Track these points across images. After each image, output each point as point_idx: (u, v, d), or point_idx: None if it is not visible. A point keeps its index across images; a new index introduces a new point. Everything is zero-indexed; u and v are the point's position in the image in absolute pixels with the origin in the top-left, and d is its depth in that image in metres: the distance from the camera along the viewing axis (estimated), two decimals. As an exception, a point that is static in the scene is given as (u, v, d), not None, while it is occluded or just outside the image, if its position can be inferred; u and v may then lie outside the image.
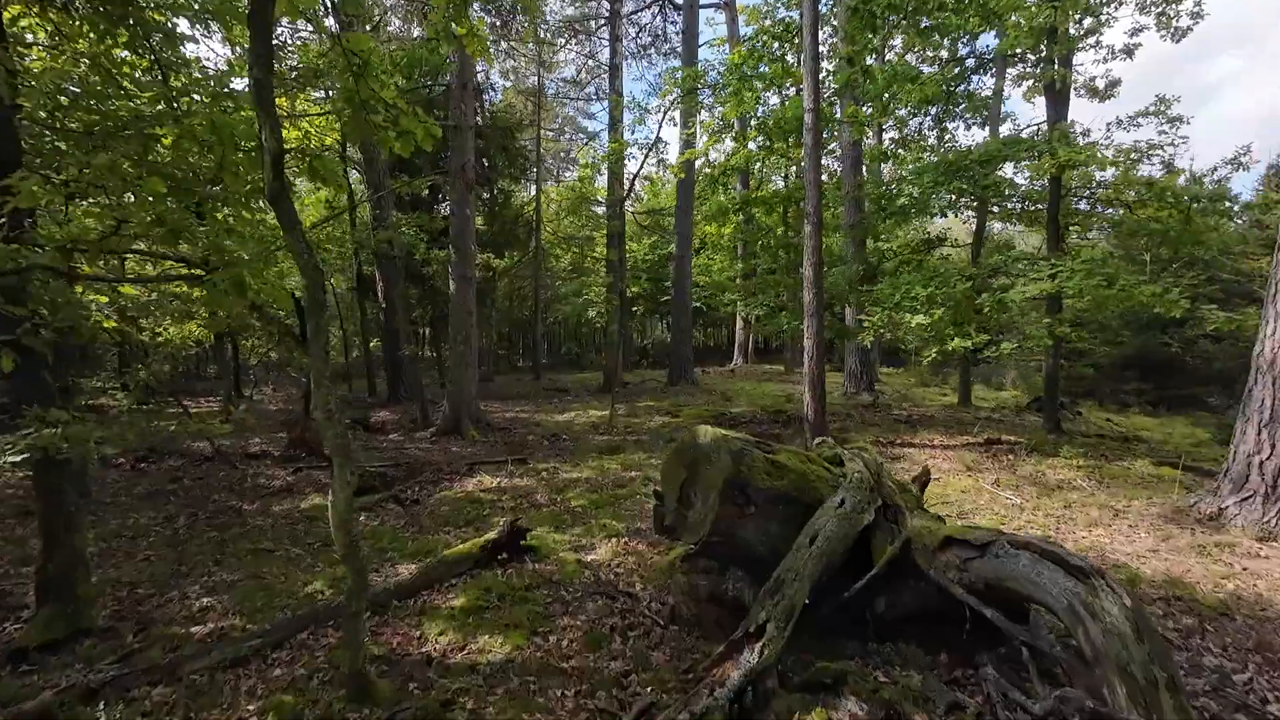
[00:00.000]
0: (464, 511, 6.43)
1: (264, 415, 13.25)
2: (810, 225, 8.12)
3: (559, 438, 10.29)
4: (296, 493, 7.33)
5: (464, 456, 9.07)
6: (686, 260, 16.66)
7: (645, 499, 6.65)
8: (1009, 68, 11.20)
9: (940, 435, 8.87)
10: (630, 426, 11.19)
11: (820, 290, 8.14)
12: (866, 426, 9.87)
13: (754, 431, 9.93)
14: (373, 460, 8.86)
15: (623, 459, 8.62)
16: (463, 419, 10.54)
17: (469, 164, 10.48)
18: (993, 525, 5.45)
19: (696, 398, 14.77)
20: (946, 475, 6.87)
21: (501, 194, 18.97)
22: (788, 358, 21.68)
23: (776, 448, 3.97)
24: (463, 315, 10.67)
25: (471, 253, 10.74)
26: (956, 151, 8.33)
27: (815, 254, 8.10)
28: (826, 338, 10.13)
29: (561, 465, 8.37)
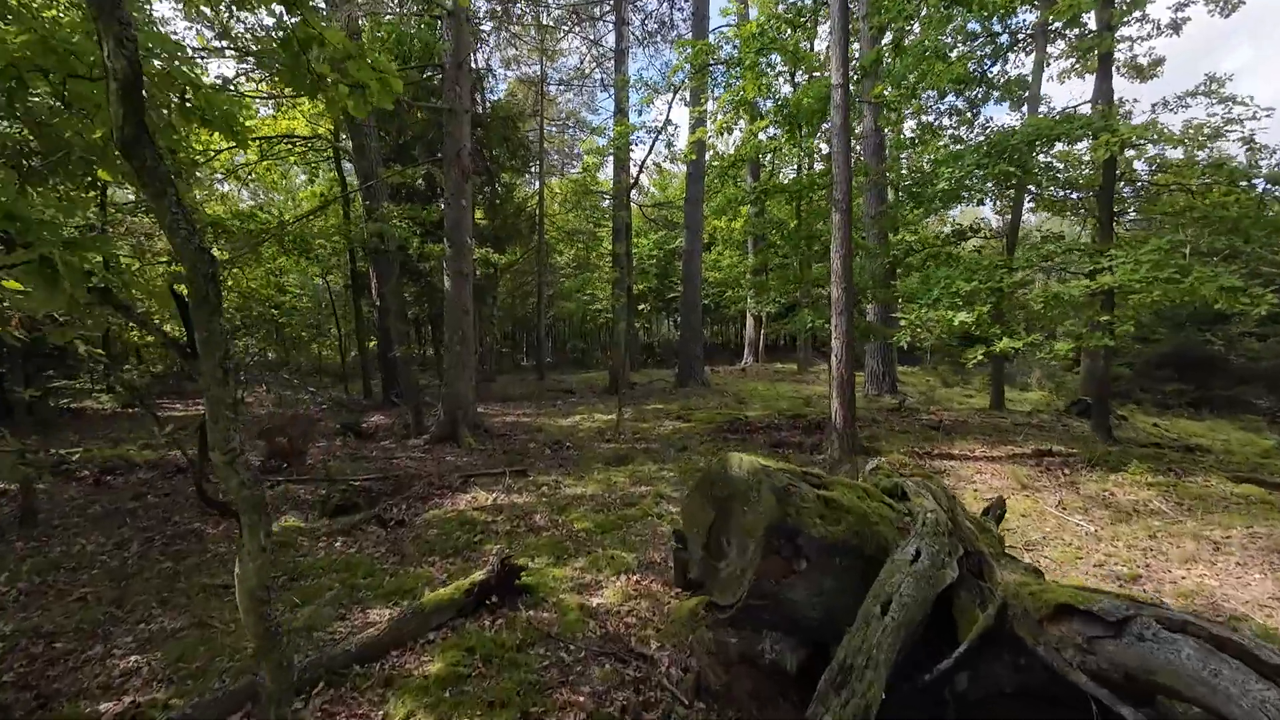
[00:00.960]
0: (453, 536, 5.69)
1: (252, 419, 12.57)
2: (839, 213, 7.32)
3: (562, 445, 9.54)
4: (268, 515, 6.59)
5: (458, 467, 8.34)
6: (696, 255, 15.86)
7: (657, 521, 5.89)
8: (1050, 44, 10.35)
9: (981, 445, 8.06)
10: (638, 432, 10.43)
11: (850, 285, 7.35)
12: (896, 434, 9.07)
13: (773, 439, 9.16)
14: (359, 472, 8.14)
15: (631, 471, 7.86)
16: (459, 425, 9.80)
17: (465, 150, 9.72)
18: (1066, 558, 4.67)
19: (708, 400, 13.99)
20: (994, 492, 6.06)
21: (503, 187, 18.22)
22: (801, 357, 20.86)
23: (826, 479, 3.19)
24: (459, 314, 9.93)
25: (468, 246, 10.00)
26: (999, 131, 7.51)
27: (844, 245, 7.31)
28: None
29: (564, 478, 7.62)
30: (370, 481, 7.59)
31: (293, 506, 6.79)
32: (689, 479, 7.31)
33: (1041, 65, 10.09)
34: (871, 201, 12.03)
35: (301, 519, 6.38)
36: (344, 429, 10.76)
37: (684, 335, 16.26)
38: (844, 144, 7.29)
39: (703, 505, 3.15)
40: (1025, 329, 7.10)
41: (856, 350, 22.77)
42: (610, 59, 19.50)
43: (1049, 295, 6.26)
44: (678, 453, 8.75)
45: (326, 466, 8.13)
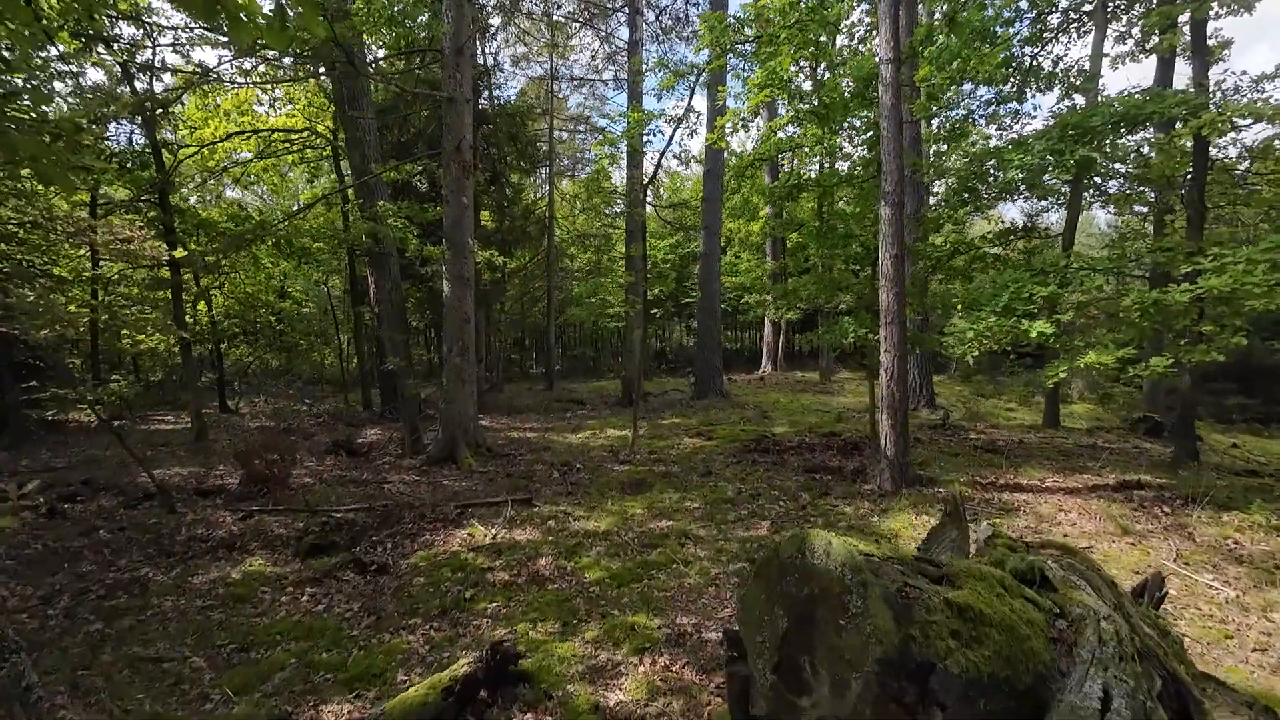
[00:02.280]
0: (443, 588, 4.78)
1: (241, 433, 11.78)
2: (889, 208, 6.37)
3: (571, 467, 8.62)
4: (235, 551, 5.73)
5: (455, 494, 7.45)
6: (714, 258, 14.92)
7: (684, 570, 4.95)
8: (1110, 23, 9.33)
9: (1051, 473, 7.05)
10: (655, 451, 9.49)
11: (902, 290, 6.39)
12: (946, 457, 8.07)
13: (808, 462, 8.18)
14: (345, 499, 7.27)
15: (649, 500, 6.93)
16: (458, 444, 8.92)
17: (465, 143, 8.87)
18: (1210, 636, 3.67)
19: (728, 414, 13.03)
20: (1094, 541, 5.06)
21: (511, 188, 17.40)
22: (823, 366, 19.84)
23: (947, 567, 2.24)
24: (459, 322, 9.06)
25: (469, 248, 9.14)
26: (1076, 111, 6.53)
27: (896, 244, 6.35)
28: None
29: (573, 509, 6.70)
30: (355, 512, 6.72)
31: (264, 544, 5.92)
32: (716, 512, 6.37)
33: (1101, 47, 9.10)
34: (909, 199, 11.05)
35: (270, 561, 5.50)
36: (335, 446, 9.93)
37: (701, 343, 15.32)
38: (895, 127, 6.34)
39: (770, 605, 2.21)
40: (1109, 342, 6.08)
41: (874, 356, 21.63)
42: (623, 53, 18.70)
43: (1147, 302, 5.26)
44: (701, 478, 7.81)
45: (306, 497, 7.26)
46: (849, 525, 5.70)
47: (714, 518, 6.23)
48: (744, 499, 6.77)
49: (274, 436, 9.70)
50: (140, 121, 10.17)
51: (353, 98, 11.45)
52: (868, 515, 5.92)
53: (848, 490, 6.70)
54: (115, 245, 8.95)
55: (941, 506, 5.98)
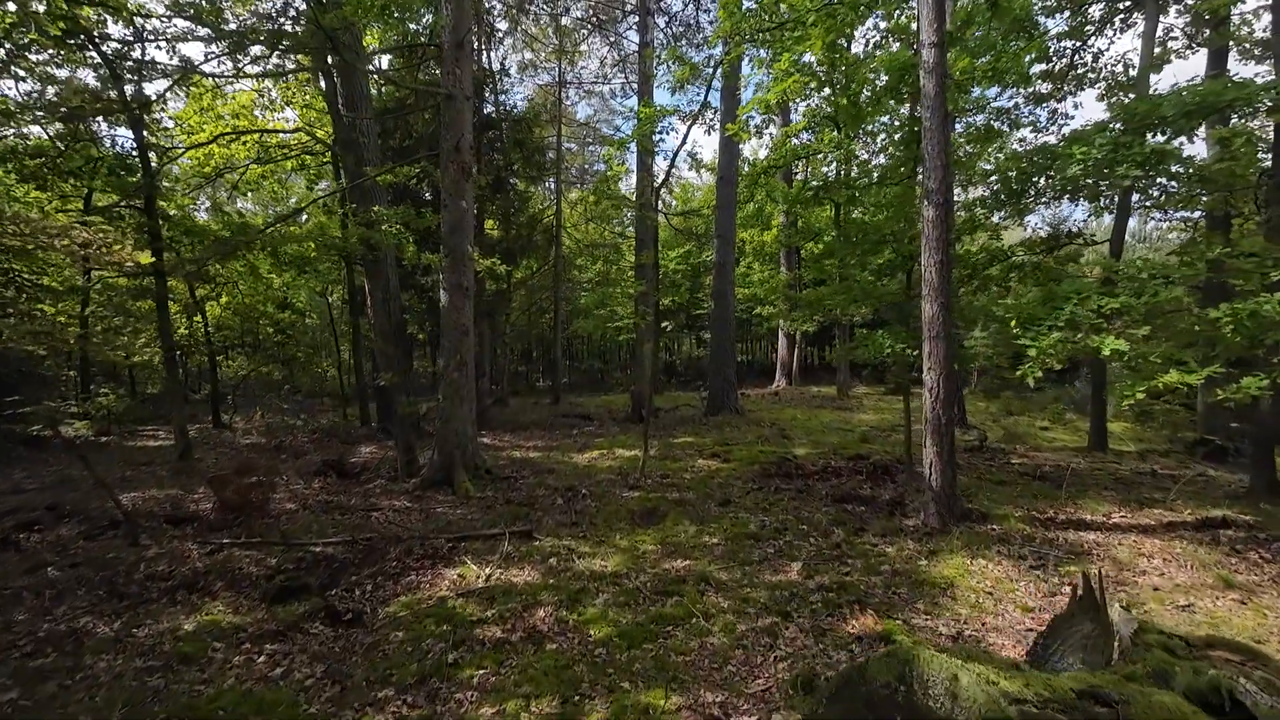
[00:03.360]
0: (424, 646, 4.09)
1: (230, 451, 11.18)
2: (933, 208, 5.68)
3: (576, 493, 7.92)
4: (196, 593, 5.07)
5: (449, 524, 6.76)
6: (728, 267, 14.25)
7: (707, 628, 4.23)
8: (1162, 13, 8.64)
9: (1115, 506, 6.27)
10: (667, 475, 8.78)
11: (948, 300, 5.68)
12: (991, 485, 7.30)
13: (836, 490, 7.43)
14: (327, 530, 6.60)
15: (663, 534, 6.21)
16: (455, 466, 8.25)
17: (465, 143, 8.28)
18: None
19: (744, 432, 12.29)
20: (1192, 596, 4.29)
21: (517, 196, 16.85)
22: (840, 381, 19.06)
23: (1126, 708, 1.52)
24: (457, 335, 8.42)
25: (469, 255, 8.52)
26: (1145, 99, 5.84)
27: (941, 248, 5.65)
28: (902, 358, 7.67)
29: (578, 544, 6.00)
30: (336, 546, 6.05)
31: (229, 584, 5.25)
32: (738, 550, 5.64)
33: (1153, 37, 8.40)
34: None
35: (232, 606, 4.83)
36: (325, 467, 9.28)
37: (714, 356, 14.61)
38: (939, 118, 5.67)
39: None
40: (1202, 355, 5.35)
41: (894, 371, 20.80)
42: (633, 59, 18.22)
43: (1243, 313, 4.53)
44: (719, 507, 7.08)
45: (284, 528, 6.60)
46: (894, 571, 4.95)
47: (736, 557, 5.51)
48: (769, 534, 6.04)
49: (254, 459, 9.09)
50: (128, 123, 9.67)
51: (351, 100, 10.94)
52: (914, 558, 5.17)
53: (886, 525, 5.94)
54: (74, 249, 8.35)
55: (1001, 548, 5.24)
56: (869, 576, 4.89)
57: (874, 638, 4.00)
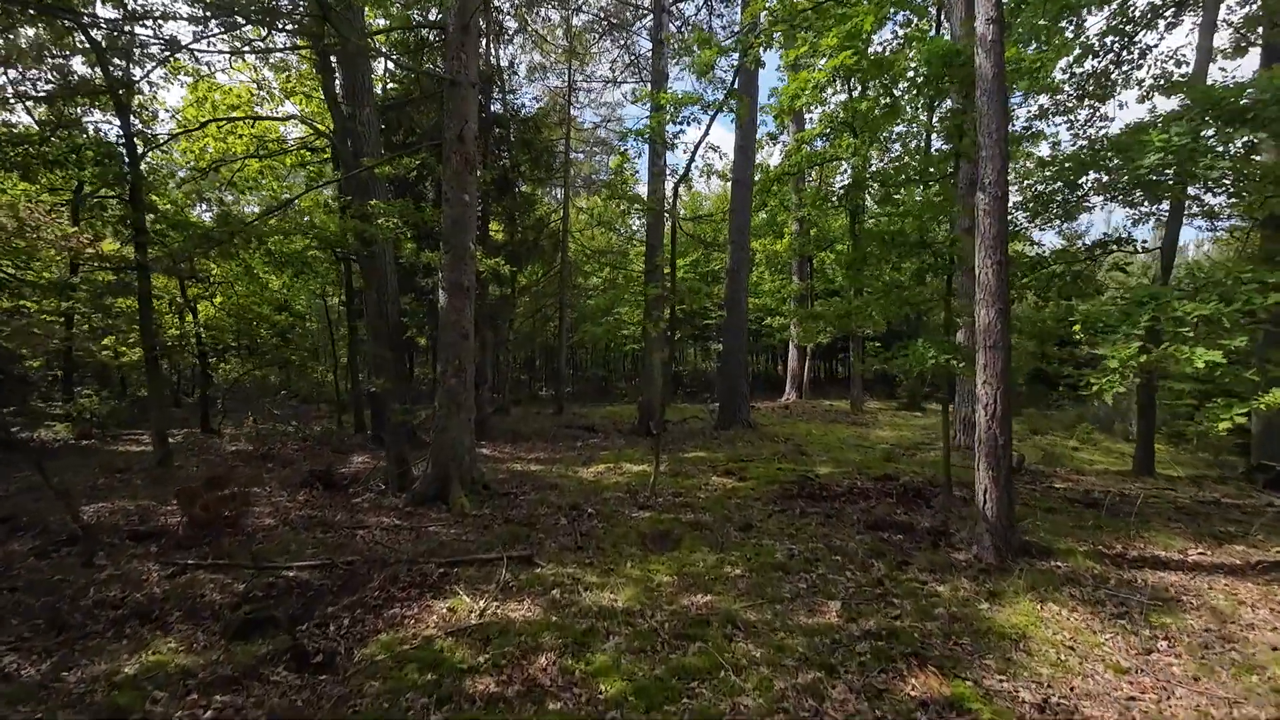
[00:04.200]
0: (403, 700, 3.46)
1: (217, 457, 10.56)
2: (989, 199, 5.07)
3: (582, 512, 7.27)
4: (147, 624, 4.43)
5: (441, 545, 6.11)
6: (742, 273, 13.64)
7: (740, 684, 3.56)
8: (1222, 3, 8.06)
9: (1189, 541, 5.59)
10: (679, 493, 8.12)
11: (1006, 305, 5.05)
12: (1041, 513, 6.62)
13: (868, 515, 6.76)
14: (305, 551, 5.95)
15: (679, 562, 5.55)
16: (450, 480, 7.61)
17: (469, 132, 7.72)
18: None
19: (758, 447, 11.62)
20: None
21: (523, 198, 16.31)
22: (854, 394, 18.38)
23: None
24: (456, 338, 7.82)
25: (471, 254, 7.93)
26: (1221, 88, 5.22)
27: (998, 247, 5.04)
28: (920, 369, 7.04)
29: (585, 573, 5.34)
30: (313, 570, 5.40)
31: (187, 614, 4.61)
32: (766, 583, 4.98)
33: (1212, 31, 7.83)
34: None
35: (184, 643, 4.18)
36: (312, 478, 8.65)
37: (726, 368, 13.97)
38: (997, 102, 5.07)
39: None
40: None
41: (906, 382, 19.99)
42: (645, 59, 17.78)
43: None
44: (739, 532, 6.41)
45: (257, 547, 5.95)
46: (951, 615, 4.28)
47: (764, 592, 4.84)
48: (798, 565, 5.37)
49: (233, 468, 8.47)
50: (115, 109, 9.16)
51: (352, 92, 10.43)
52: (972, 600, 4.49)
53: (932, 559, 5.27)
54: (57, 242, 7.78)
55: (1073, 591, 4.56)
56: (922, 622, 4.22)
57: (941, 703, 3.33)
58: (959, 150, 6.63)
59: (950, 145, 6.85)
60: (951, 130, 6.66)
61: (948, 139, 6.73)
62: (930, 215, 6.57)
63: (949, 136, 6.71)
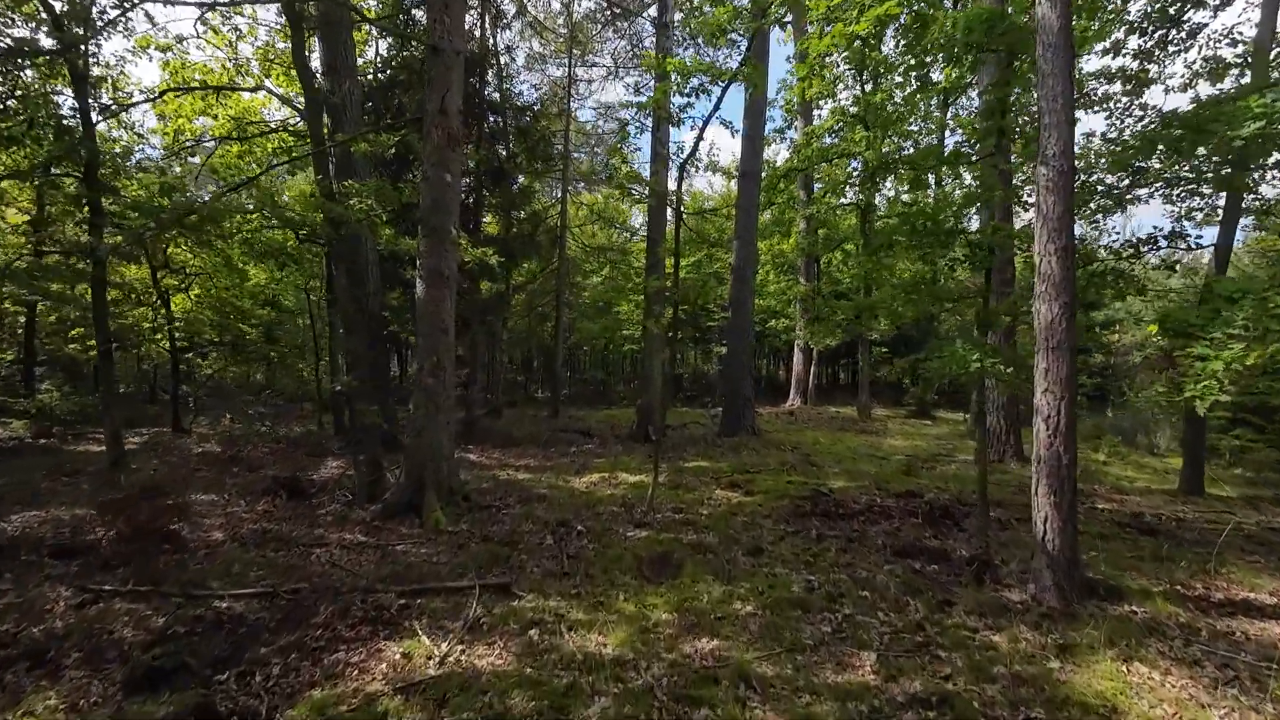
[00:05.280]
0: (322, 792, 2.65)
1: (177, 460, 9.76)
2: (1053, 173, 4.30)
3: (571, 529, 6.48)
4: (34, 672, 3.65)
5: (409, 568, 5.32)
6: (748, 272, 12.85)
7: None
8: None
9: (1271, 577, 4.81)
10: (680, 508, 7.33)
11: (1073, 299, 4.28)
12: (1094, 540, 5.82)
13: (894, 538, 5.98)
14: (249, 573, 5.16)
15: (680, 594, 4.76)
16: (425, 491, 6.82)
17: (452, 105, 6.96)
18: None
19: (764, 456, 10.83)
20: None
21: (520, 191, 15.54)
22: (862, 401, 17.58)
23: None
24: (434, 332, 7.04)
25: (453, 238, 7.15)
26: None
27: (1063, 230, 4.28)
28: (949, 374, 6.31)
29: (570, 607, 4.55)
30: (252, 600, 4.61)
31: (87, 656, 3.82)
32: (782, 624, 4.20)
33: (1276, 8, 7.11)
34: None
35: (71, 697, 3.40)
36: (276, 485, 7.86)
37: (729, 371, 13.18)
38: (1063, 59, 4.30)
39: None
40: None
41: (916, 389, 19.10)
42: (649, 47, 17.05)
43: None
44: (748, 557, 5.62)
45: (191, 570, 5.16)
46: (1014, 676, 3.49)
47: (781, 636, 4.06)
48: (820, 602, 4.58)
49: (190, 474, 7.68)
50: (70, 79, 8.39)
51: (333, 63, 9.69)
52: (1038, 656, 3.70)
53: (980, 598, 4.48)
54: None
55: (1160, 645, 3.75)
56: (980, 684, 3.43)
57: (1024, 810, 2.54)
58: (1000, 127, 5.87)
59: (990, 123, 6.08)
60: (992, 106, 5.89)
61: (987, 115, 5.95)
62: (973, 202, 5.79)
63: (988, 113, 5.94)
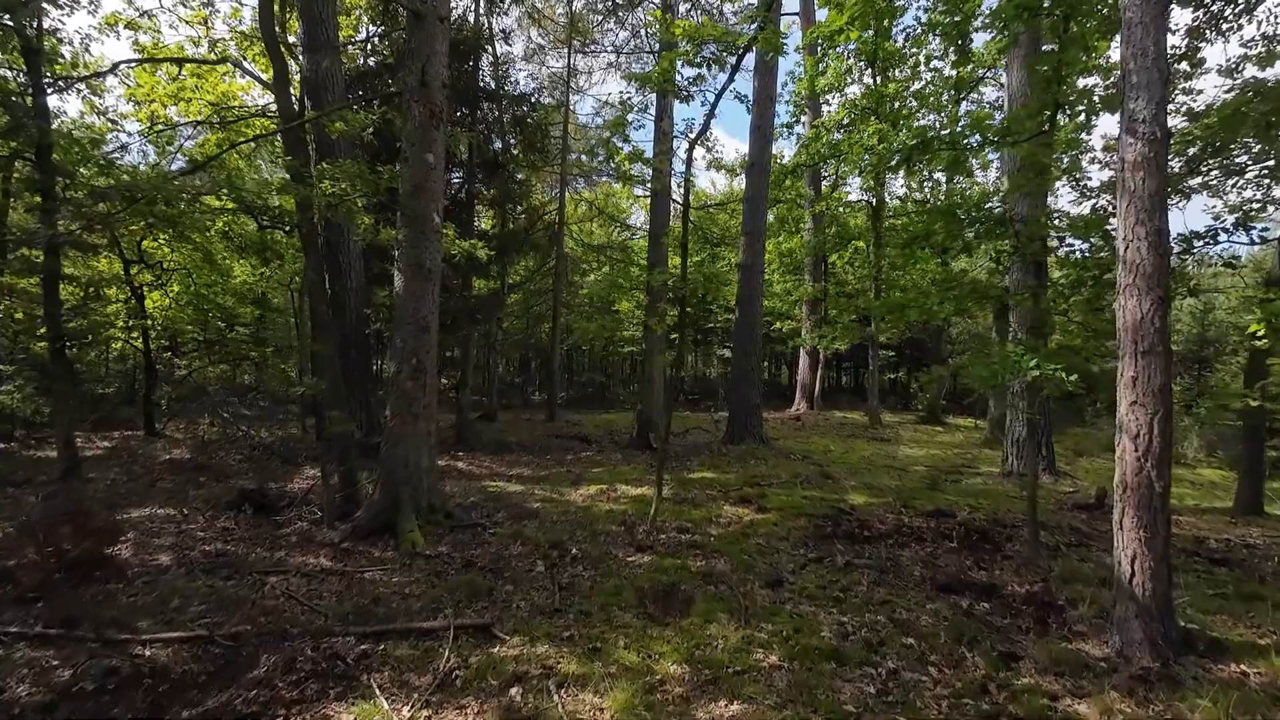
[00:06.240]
0: None
1: (141, 469, 9.02)
2: (1143, 142, 3.60)
3: (565, 552, 5.75)
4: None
5: (376, 601, 4.60)
6: (757, 269, 12.14)
7: None
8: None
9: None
10: (686, 527, 6.61)
11: (1166, 293, 3.56)
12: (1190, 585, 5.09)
13: (931, 569, 5.25)
14: (189, 608, 4.43)
15: (690, 637, 4.04)
16: (402, 508, 6.10)
17: (435, 75, 6.24)
18: None
19: (775, 467, 10.10)
20: None
21: (516, 184, 14.81)
22: (872, 406, 16.86)
23: None
24: (414, 330, 6.32)
25: (434, 227, 6.43)
26: None
27: (1156, 210, 3.57)
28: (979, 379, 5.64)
29: (560, 654, 3.83)
30: (180, 647, 3.87)
31: (-36, 725, 3.09)
32: (815, 682, 3.47)
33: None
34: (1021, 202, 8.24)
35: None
36: (242, 497, 7.14)
37: (737, 375, 12.46)
38: (1157, 7, 3.59)
39: None
40: None
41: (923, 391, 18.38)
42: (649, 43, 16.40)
43: None
44: (767, 589, 4.90)
45: (121, 605, 4.42)
46: (1120, 765, 2.76)
47: (814, 700, 3.33)
48: (857, 653, 3.85)
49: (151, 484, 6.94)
50: (20, 51, 7.68)
51: (313, 37, 9.01)
52: (1140, 733, 2.97)
53: (1053, 651, 3.74)
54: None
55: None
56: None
57: None
58: (1056, 100, 5.17)
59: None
60: (1047, 77, 5.18)
61: (1042, 87, 5.24)
62: (1020, 188, 5.08)
63: (1042, 85, 5.23)
